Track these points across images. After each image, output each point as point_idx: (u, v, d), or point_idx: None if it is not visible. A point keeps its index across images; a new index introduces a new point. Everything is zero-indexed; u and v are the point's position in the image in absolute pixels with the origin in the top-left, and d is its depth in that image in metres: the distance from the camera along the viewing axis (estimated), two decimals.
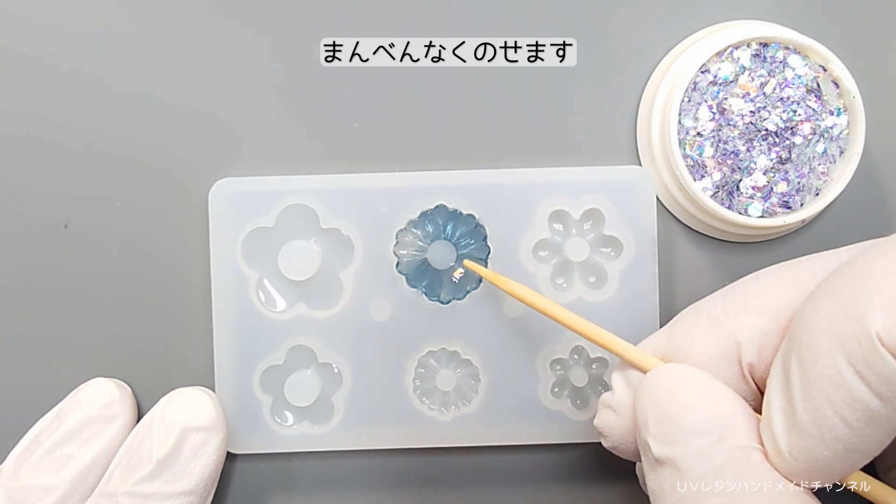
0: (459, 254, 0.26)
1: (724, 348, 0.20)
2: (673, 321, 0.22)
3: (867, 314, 0.17)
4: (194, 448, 0.24)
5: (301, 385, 0.27)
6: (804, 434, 0.18)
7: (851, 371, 0.17)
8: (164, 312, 0.27)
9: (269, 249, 0.27)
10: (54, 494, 0.24)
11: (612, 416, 0.22)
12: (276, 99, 0.27)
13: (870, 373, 0.17)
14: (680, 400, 0.19)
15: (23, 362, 0.27)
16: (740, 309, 0.20)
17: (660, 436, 0.19)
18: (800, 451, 0.18)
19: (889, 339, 0.16)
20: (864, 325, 0.17)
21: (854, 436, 0.17)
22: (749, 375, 0.20)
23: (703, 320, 0.21)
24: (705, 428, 0.19)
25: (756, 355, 0.20)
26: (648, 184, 0.27)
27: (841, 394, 0.17)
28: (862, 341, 0.17)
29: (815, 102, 0.26)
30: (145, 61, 0.27)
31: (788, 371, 0.18)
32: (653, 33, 0.28)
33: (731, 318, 0.20)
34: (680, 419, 0.19)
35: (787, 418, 0.18)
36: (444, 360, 0.27)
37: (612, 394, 0.22)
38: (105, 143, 0.27)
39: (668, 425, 0.19)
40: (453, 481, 0.28)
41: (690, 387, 0.20)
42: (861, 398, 0.17)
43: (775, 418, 0.18)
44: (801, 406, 0.18)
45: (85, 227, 0.27)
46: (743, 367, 0.20)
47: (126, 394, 0.26)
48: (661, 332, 0.22)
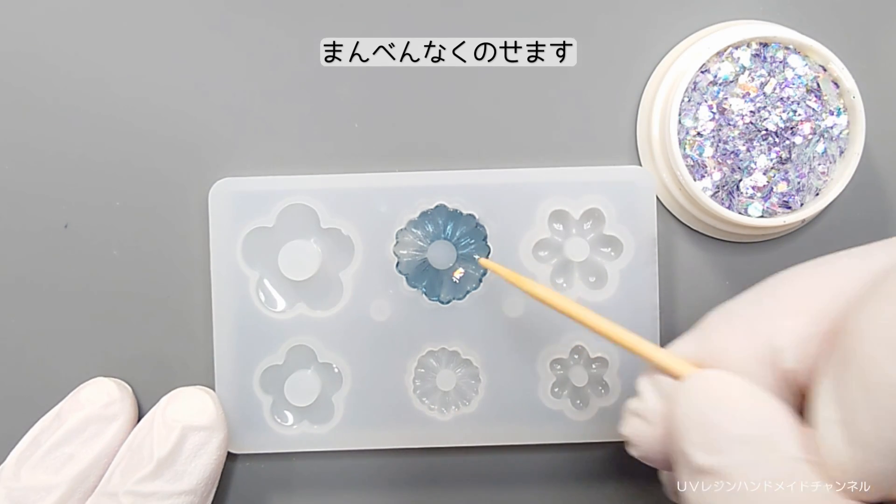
0: (459, 254, 0.26)
1: (760, 355, 0.19)
2: (702, 325, 0.21)
3: None
4: (195, 447, 0.24)
5: (301, 385, 0.27)
6: (864, 447, 0.17)
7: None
8: (164, 312, 0.27)
9: (269, 249, 0.27)
10: (55, 494, 0.24)
11: (641, 425, 0.21)
12: (276, 99, 0.27)
13: None
14: (726, 407, 0.19)
15: (23, 362, 0.27)
16: (776, 312, 0.20)
17: (704, 444, 0.19)
18: (858, 465, 0.17)
19: None
20: None
21: None
22: (787, 381, 0.20)
23: (736, 325, 0.20)
24: (754, 436, 0.18)
25: (797, 361, 0.19)
26: (648, 184, 0.27)
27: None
28: None
29: (815, 102, 0.26)
30: (145, 61, 0.27)
31: (845, 382, 0.17)
32: (653, 33, 0.28)
33: (766, 322, 0.20)
34: (726, 427, 0.18)
35: (847, 430, 0.17)
36: (445, 360, 0.27)
37: (641, 401, 0.21)
38: (105, 144, 0.27)
39: (714, 433, 0.18)
40: (453, 481, 0.28)
41: (735, 394, 0.19)
42: None
43: (831, 433, 0.18)
44: (863, 416, 0.17)
45: (85, 227, 0.27)
46: (781, 373, 0.19)
47: (126, 393, 0.26)
48: (689, 337, 0.21)
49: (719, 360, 0.20)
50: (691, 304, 0.27)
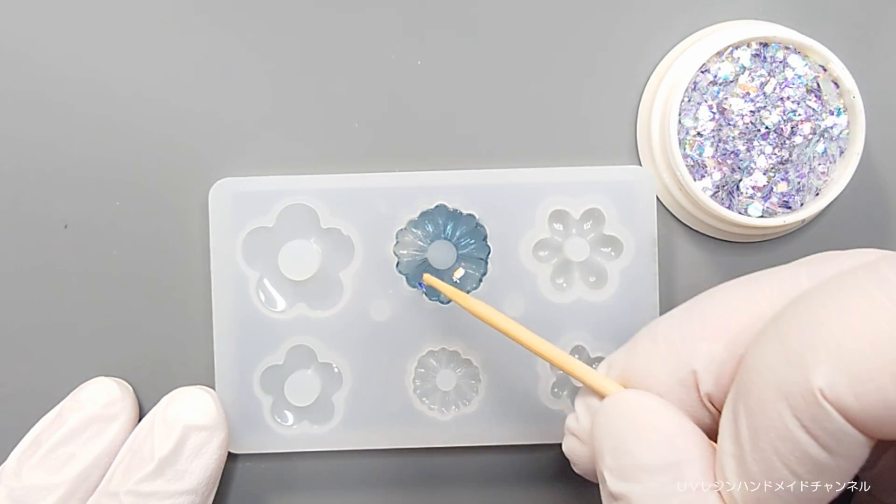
0: (459, 254, 0.26)
1: (681, 377, 0.19)
2: (631, 342, 0.21)
3: (811, 368, 0.16)
4: (196, 447, 0.24)
5: (301, 385, 0.27)
6: (755, 484, 0.17)
7: (798, 425, 0.16)
8: (164, 312, 0.27)
9: (269, 249, 0.27)
10: (56, 494, 0.24)
11: (576, 444, 0.21)
12: (276, 99, 0.27)
13: (816, 427, 0.16)
14: (636, 432, 0.19)
15: (24, 362, 0.27)
16: (697, 335, 0.20)
17: (616, 470, 0.19)
18: (752, 499, 0.17)
19: (833, 395, 0.16)
20: (808, 379, 0.16)
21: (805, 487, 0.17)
22: (709, 403, 0.20)
23: (660, 346, 0.20)
24: (662, 465, 0.18)
25: (714, 385, 0.19)
26: (648, 184, 0.27)
27: (788, 447, 0.16)
28: (806, 396, 0.16)
29: (815, 102, 0.26)
30: (145, 61, 0.27)
31: (737, 418, 0.17)
32: (653, 33, 0.28)
33: (687, 345, 0.20)
34: (636, 454, 0.18)
35: (739, 466, 0.17)
36: (445, 360, 0.27)
37: (576, 419, 0.22)
38: (105, 144, 0.27)
39: (624, 460, 0.19)
40: (453, 481, 0.28)
41: (647, 418, 0.19)
42: (809, 452, 0.16)
43: (727, 464, 0.18)
44: (751, 456, 0.17)
45: (85, 227, 0.27)
46: (702, 396, 0.20)
47: (127, 393, 0.26)
48: (620, 353, 0.21)
49: (643, 380, 0.20)
50: None
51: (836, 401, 0.16)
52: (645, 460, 0.18)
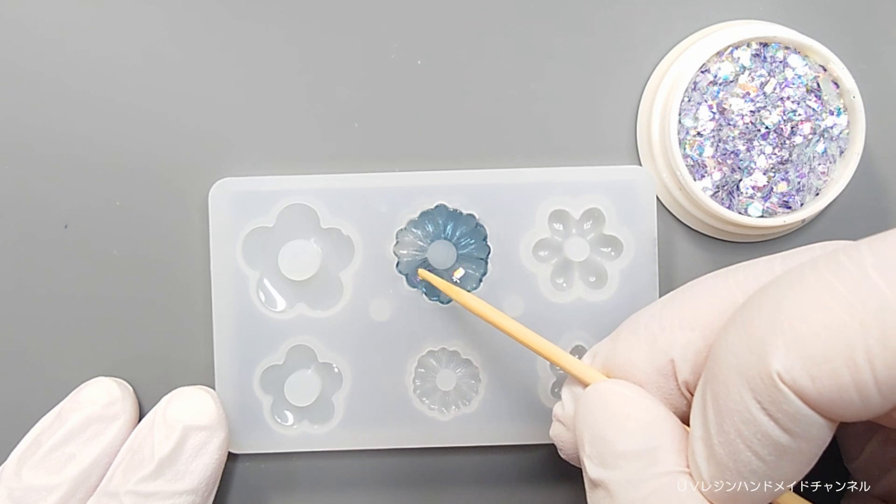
0: (459, 254, 0.26)
1: (660, 365, 0.20)
2: (615, 333, 0.22)
3: (769, 352, 0.16)
4: (196, 447, 0.24)
5: (301, 385, 0.27)
6: (721, 466, 0.17)
7: (758, 408, 0.17)
8: (164, 312, 0.27)
9: (269, 249, 0.27)
10: (56, 494, 0.24)
11: (562, 430, 0.22)
12: (276, 99, 0.27)
13: (775, 410, 0.16)
14: (613, 420, 0.19)
15: (24, 362, 0.27)
16: (675, 324, 0.20)
17: (595, 457, 0.19)
18: (720, 481, 0.18)
19: (790, 378, 0.16)
20: (766, 363, 0.16)
21: (769, 468, 0.17)
22: (687, 391, 0.20)
23: (640, 336, 0.21)
24: (636, 451, 0.19)
25: (691, 373, 0.20)
26: (648, 184, 0.27)
27: (751, 429, 0.17)
28: (765, 379, 0.16)
29: (815, 102, 0.26)
30: (146, 62, 0.27)
31: (705, 402, 0.18)
32: (653, 33, 0.28)
33: (666, 334, 0.20)
34: (613, 441, 0.19)
35: (707, 449, 0.18)
36: (445, 360, 0.27)
37: (562, 406, 0.22)
38: (105, 144, 0.27)
39: (602, 447, 0.19)
40: (453, 481, 0.28)
41: (624, 407, 0.20)
42: (770, 434, 0.17)
43: (696, 448, 0.18)
44: (717, 439, 0.17)
45: (85, 227, 0.27)
46: (680, 384, 0.20)
47: (128, 393, 0.26)
48: (604, 343, 0.22)
49: (625, 370, 0.21)
50: None
51: (793, 384, 0.16)
52: (621, 447, 0.19)
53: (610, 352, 0.21)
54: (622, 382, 0.20)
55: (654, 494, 0.18)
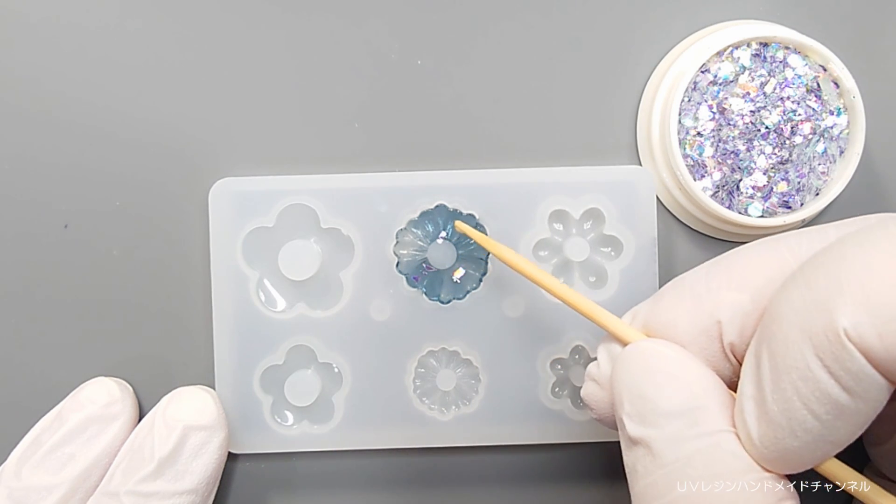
0: (459, 254, 0.26)
1: (705, 326, 0.20)
2: (657, 294, 0.21)
3: (836, 309, 0.16)
4: (196, 447, 0.24)
5: (301, 385, 0.27)
6: (774, 424, 0.17)
7: (819, 365, 0.16)
8: (164, 312, 0.27)
9: (269, 249, 0.27)
10: (56, 494, 0.24)
11: (595, 389, 0.22)
12: (276, 99, 0.27)
13: (838, 368, 0.16)
14: (655, 379, 0.19)
15: (24, 362, 0.27)
16: (722, 286, 0.20)
17: (634, 415, 0.19)
18: (770, 440, 0.18)
19: (856, 335, 0.16)
20: (833, 319, 0.16)
21: (823, 428, 0.17)
22: (731, 354, 0.20)
23: (685, 296, 0.20)
24: (679, 411, 0.18)
25: (737, 335, 0.20)
26: (648, 184, 0.27)
27: (809, 387, 0.17)
28: (830, 336, 0.16)
29: (815, 102, 0.26)
30: (146, 62, 0.27)
31: (760, 360, 0.18)
32: (653, 33, 0.28)
33: (712, 295, 0.20)
34: (655, 400, 0.19)
35: (758, 408, 0.18)
36: (445, 360, 0.27)
37: (597, 365, 0.22)
38: (105, 144, 0.27)
39: (643, 405, 0.19)
40: (453, 481, 0.28)
41: (666, 366, 0.19)
42: (829, 392, 0.16)
43: (747, 407, 0.18)
44: (771, 397, 0.17)
45: (85, 227, 0.27)
46: (725, 346, 0.20)
47: (127, 393, 0.26)
48: (645, 304, 0.22)
49: (667, 330, 0.20)
50: None
51: (860, 341, 0.16)
52: (663, 405, 0.19)
53: (652, 312, 0.21)
54: (664, 342, 0.20)
55: (699, 453, 0.18)
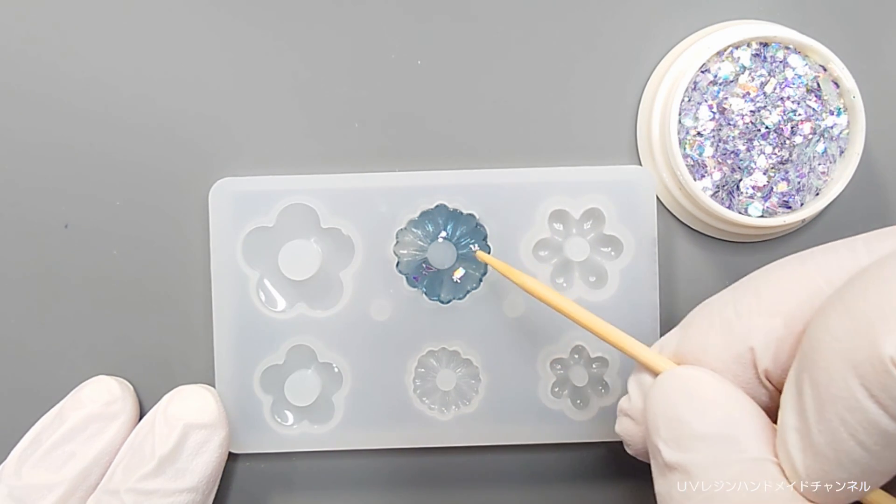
0: (459, 254, 0.26)
1: (738, 353, 0.19)
2: (685, 322, 0.21)
3: (880, 336, 0.16)
4: (197, 445, 0.24)
5: (301, 385, 0.27)
6: (820, 456, 0.17)
7: (866, 394, 0.16)
8: (165, 312, 0.27)
9: (269, 249, 0.27)
10: (56, 492, 0.24)
11: (630, 424, 0.21)
12: (276, 99, 0.27)
13: (885, 397, 0.16)
14: (693, 404, 0.19)
15: (24, 361, 0.27)
16: (753, 311, 0.19)
17: (671, 440, 0.19)
18: (816, 472, 0.17)
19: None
20: (878, 347, 0.16)
21: (872, 458, 0.16)
22: (766, 380, 0.19)
23: (715, 323, 0.20)
24: (718, 435, 0.18)
25: (772, 361, 0.19)
26: (648, 183, 0.27)
27: (856, 417, 0.16)
28: (875, 364, 0.16)
29: (816, 102, 0.26)
30: (146, 62, 0.27)
31: (802, 390, 0.17)
32: (653, 33, 0.28)
33: (743, 321, 0.19)
34: (692, 424, 0.18)
35: (803, 439, 0.17)
36: (445, 360, 0.27)
37: (628, 399, 0.21)
38: (105, 143, 0.27)
39: (680, 430, 0.19)
40: (453, 481, 0.28)
41: (704, 391, 0.19)
42: (877, 422, 0.16)
43: (790, 438, 0.17)
44: (816, 428, 0.17)
45: (85, 226, 0.27)
46: (759, 372, 0.19)
47: (128, 391, 0.26)
48: (673, 333, 0.21)
49: (699, 358, 0.20)
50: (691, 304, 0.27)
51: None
52: (701, 430, 0.18)
53: (682, 340, 0.21)
54: (699, 368, 0.20)
55: (738, 479, 0.17)
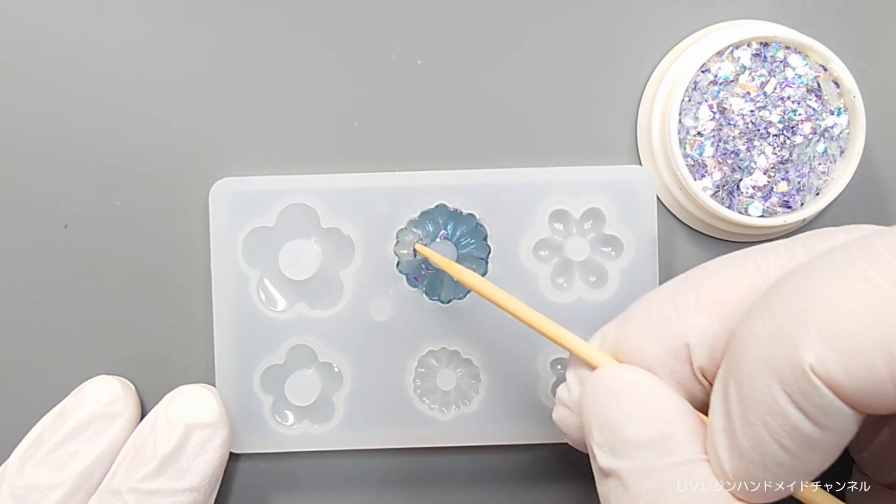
0: (460, 253, 0.26)
1: (674, 350, 0.19)
2: (624, 315, 0.21)
3: (801, 344, 0.16)
4: (198, 445, 0.24)
5: (301, 385, 0.27)
6: (745, 459, 0.17)
7: (787, 400, 0.16)
8: (165, 312, 0.28)
9: (269, 249, 0.27)
10: (58, 492, 0.24)
11: (566, 413, 0.21)
12: (276, 99, 0.27)
13: (806, 403, 0.16)
14: (623, 407, 0.19)
15: (26, 361, 0.28)
16: (690, 308, 0.19)
17: (604, 445, 0.19)
18: (742, 473, 0.17)
19: (823, 371, 0.16)
20: (798, 355, 0.16)
21: (795, 461, 0.17)
22: (702, 377, 0.19)
23: (653, 318, 0.20)
24: (649, 440, 0.18)
25: (707, 358, 0.19)
26: (649, 183, 0.27)
27: (778, 421, 0.16)
28: (796, 372, 0.16)
29: (816, 102, 0.26)
30: (146, 61, 0.27)
31: (728, 393, 0.17)
32: (653, 33, 0.28)
33: (681, 317, 0.19)
34: (623, 429, 0.18)
35: (729, 440, 0.17)
36: (445, 360, 0.27)
37: (567, 389, 0.21)
38: (105, 144, 0.27)
39: (612, 435, 0.19)
40: (453, 481, 0.28)
41: (634, 393, 0.19)
42: (799, 427, 0.16)
43: (718, 439, 0.18)
44: (741, 431, 0.17)
45: (85, 226, 0.27)
46: (695, 369, 0.19)
47: (129, 391, 0.26)
48: (613, 324, 0.21)
49: (636, 354, 0.20)
50: None
51: (826, 377, 0.16)
52: (632, 435, 0.18)
53: (620, 334, 0.21)
54: (631, 368, 0.20)
55: (670, 484, 0.18)
